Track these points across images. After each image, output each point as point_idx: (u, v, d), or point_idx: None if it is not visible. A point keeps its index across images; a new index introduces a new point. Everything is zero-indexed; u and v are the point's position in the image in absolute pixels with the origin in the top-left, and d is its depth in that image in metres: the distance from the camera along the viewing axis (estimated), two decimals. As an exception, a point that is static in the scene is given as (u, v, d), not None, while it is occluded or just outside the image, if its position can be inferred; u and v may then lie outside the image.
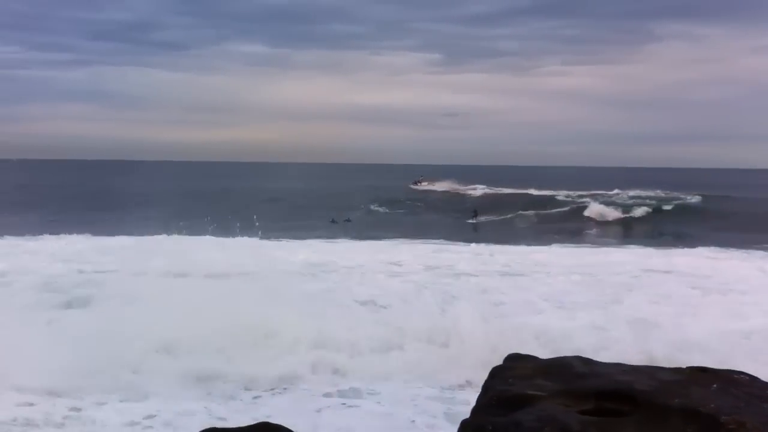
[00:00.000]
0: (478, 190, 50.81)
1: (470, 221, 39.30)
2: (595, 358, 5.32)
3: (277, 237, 26.94)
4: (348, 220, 39.29)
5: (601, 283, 16.91)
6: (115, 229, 27.26)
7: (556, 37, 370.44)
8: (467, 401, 6.20)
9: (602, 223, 37.09)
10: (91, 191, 47.80)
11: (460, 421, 4.75)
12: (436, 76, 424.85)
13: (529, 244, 26.15)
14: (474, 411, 4.72)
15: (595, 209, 38.95)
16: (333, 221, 38.75)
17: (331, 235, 30.53)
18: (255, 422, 5.32)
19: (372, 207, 44.21)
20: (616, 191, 45.31)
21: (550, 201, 44.33)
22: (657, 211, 38.84)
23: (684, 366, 4.93)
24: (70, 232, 26.79)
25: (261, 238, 23.58)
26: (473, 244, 25.67)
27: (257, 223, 22.17)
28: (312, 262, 19.60)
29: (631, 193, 44.89)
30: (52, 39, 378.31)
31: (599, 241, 30.30)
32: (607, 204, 40.16)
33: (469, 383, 9.13)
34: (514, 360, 5.23)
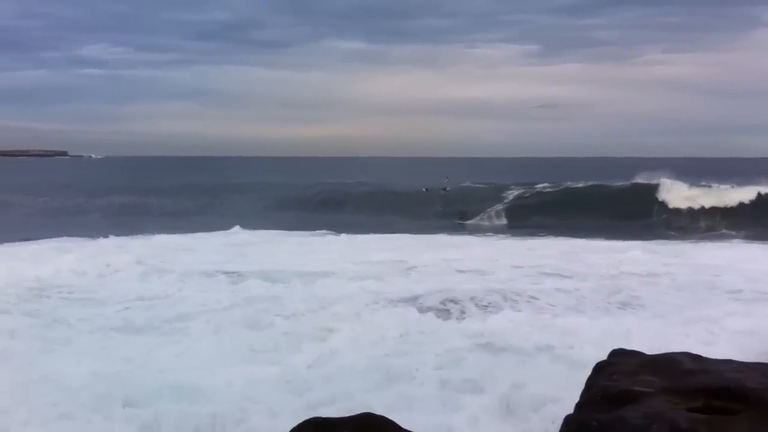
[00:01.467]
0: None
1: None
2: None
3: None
4: (445, 189, 40.15)
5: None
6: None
7: (657, 24, 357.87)
8: None
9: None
10: (232, 187, 47.90)
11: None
12: (532, 67, 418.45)
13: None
14: (578, 406, 4.68)
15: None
16: (426, 189, 39.82)
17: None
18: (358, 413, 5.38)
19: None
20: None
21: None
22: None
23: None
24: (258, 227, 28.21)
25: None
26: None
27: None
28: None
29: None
30: (156, 40, 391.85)
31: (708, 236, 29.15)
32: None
33: None
34: (619, 355, 5.15)
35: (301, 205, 39.64)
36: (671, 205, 34.80)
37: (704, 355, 5.19)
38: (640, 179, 37.75)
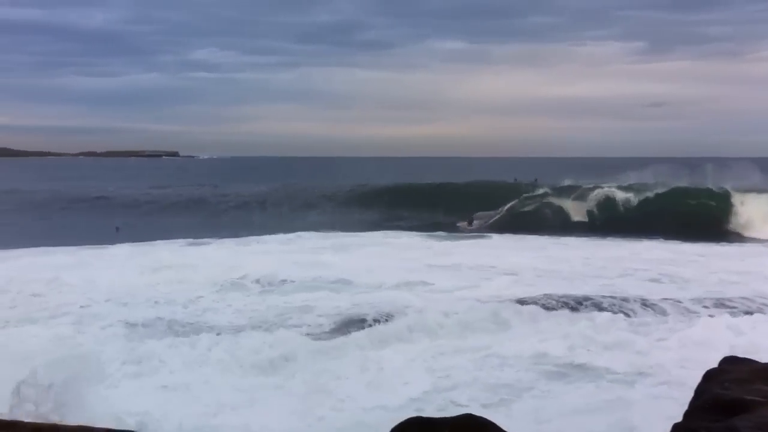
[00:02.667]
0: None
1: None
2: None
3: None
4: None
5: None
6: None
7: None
8: None
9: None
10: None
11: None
12: (639, 65, 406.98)
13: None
14: (686, 414, 4.56)
15: None
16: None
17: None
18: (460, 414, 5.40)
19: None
20: None
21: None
22: None
23: None
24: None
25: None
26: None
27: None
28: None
29: None
30: (263, 43, 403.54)
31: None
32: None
33: None
34: (731, 363, 4.98)
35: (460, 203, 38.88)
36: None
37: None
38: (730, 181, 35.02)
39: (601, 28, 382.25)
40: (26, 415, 6.98)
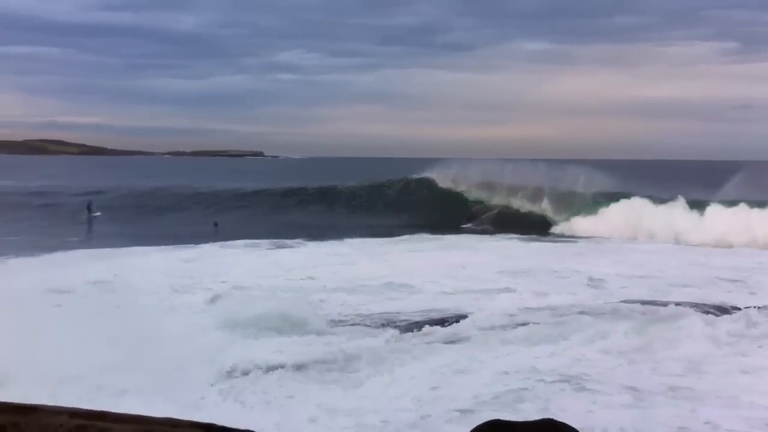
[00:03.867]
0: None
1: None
2: None
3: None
4: None
5: None
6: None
7: None
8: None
9: None
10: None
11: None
12: (729, 66, 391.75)
13: None
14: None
15: None
16: None
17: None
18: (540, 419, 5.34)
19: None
20: None
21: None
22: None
23: None
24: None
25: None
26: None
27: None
28: None
29: None
30: (346, 45, 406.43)
31: None
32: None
33: None
34: None
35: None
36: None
37: None
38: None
39: (688, 28, 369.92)
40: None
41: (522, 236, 28.26)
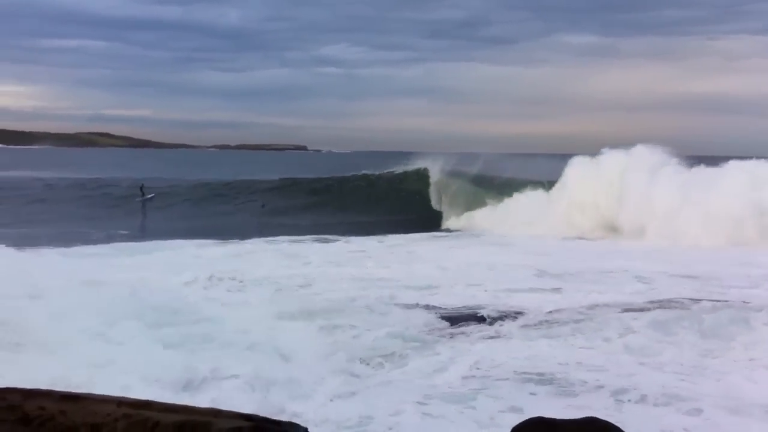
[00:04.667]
0: None
1: None
2: None
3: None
4: None
5: None
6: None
7: None
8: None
9: None
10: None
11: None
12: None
13: None
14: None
15: None
16: None
17: None
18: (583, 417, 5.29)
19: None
20: None
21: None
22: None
23: None
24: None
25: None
26: None
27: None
28: None
29: None
30: (391, 39, 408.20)
31: None
32: None
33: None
34: None
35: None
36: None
37: None
38: None
39: (738, 21, 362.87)
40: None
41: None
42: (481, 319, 12.26)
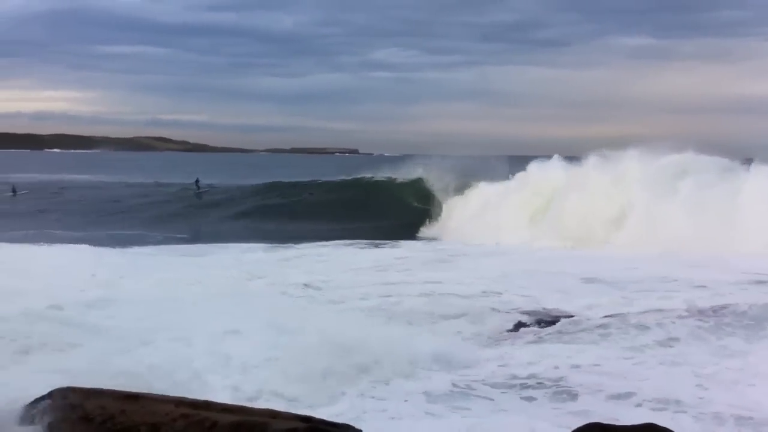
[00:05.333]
0: None
1: None
2: None
3: None
4: None
5: None
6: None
7: None
8: None
9: None
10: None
11: None
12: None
13: None
14: None
15: None
16: None
17: None
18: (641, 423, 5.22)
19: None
20: None
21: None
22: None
23: None
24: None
25: None
26: None
27: None
28: None
29: None
30: (442, 43, 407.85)
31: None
32: None
33: None
34: None
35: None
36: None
37: None
38: None
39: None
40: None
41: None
42: (549, 323, 12.13)
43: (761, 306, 12.70)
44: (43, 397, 4.84)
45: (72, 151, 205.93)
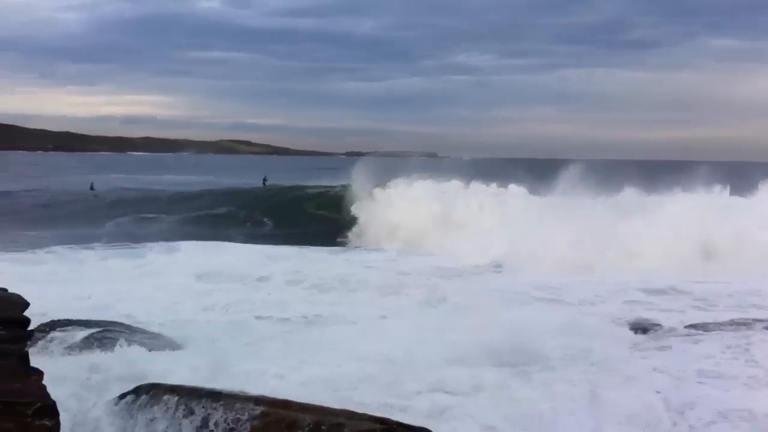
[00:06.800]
0: None
1: None
2: None
3: None
4: None
5: None
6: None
7: None
8: None
9: None
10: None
11: None
12: None
13: None
14: None
15: None
16: None
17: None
18: None
19: None
20: None
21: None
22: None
23: None
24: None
25: None
26: None
27: None
28: None
29: None
30: (522, 46, 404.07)
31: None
32: None
33: None
34: None
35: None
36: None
37: None
38: None
39: None
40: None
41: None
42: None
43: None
44: (129, 392, 5.02)
45: (158, 154, 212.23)
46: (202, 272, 16.57)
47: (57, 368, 7.07)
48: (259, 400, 4.04)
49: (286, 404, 3.89)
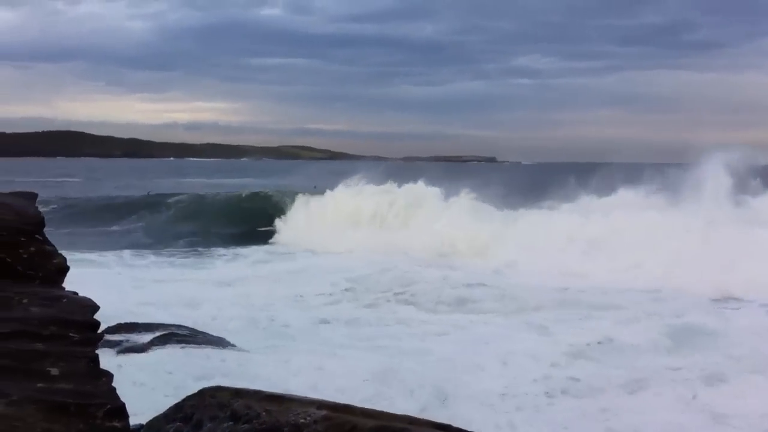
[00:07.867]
0: None
1: None
2: None
3: None
4: None
5: None
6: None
7: None
8: None
9: None
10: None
11: None
12: None
13: None
14: None
15: None
16: None
17: None
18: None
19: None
20: None
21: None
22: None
23: None
24: None
25: None
26: None
27: None
28: None
29: None
30: (584, 48, 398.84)
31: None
32: None
33: None
34: None
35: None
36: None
37: None
38: None
39: None
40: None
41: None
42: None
43: None
44: (193, 396, 5.10)
45: (222, 159, 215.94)
46: (278, 277, 16.90)
47: (125, 370, 7.26)
48: (321, 404, 4.06)
49: (348, 409, 3.90)
